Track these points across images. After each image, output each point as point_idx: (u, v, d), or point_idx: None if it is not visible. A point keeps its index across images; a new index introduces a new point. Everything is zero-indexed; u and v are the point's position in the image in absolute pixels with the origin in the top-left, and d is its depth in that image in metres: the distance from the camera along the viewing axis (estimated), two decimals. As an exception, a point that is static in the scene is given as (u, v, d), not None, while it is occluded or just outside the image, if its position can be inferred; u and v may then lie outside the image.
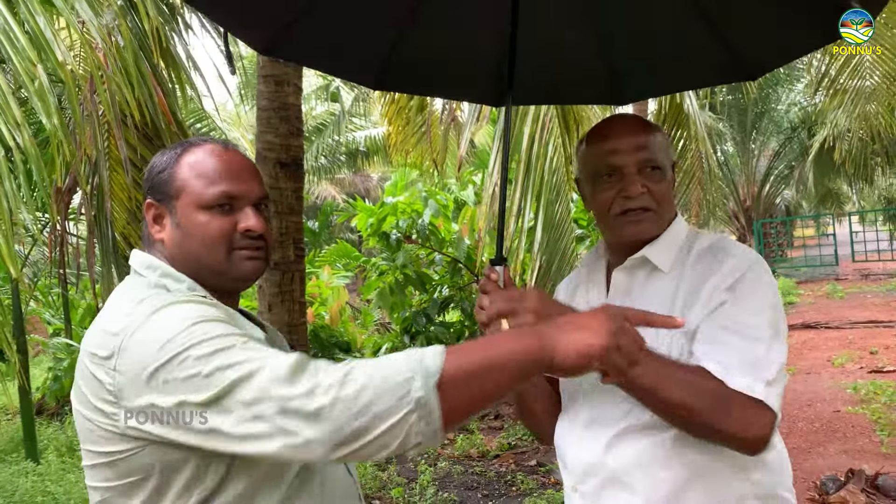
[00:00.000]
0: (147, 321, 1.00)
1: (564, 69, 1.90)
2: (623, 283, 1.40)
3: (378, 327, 9.86)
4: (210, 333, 0.97)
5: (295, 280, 3.64)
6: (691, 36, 1.72)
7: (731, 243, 1.38)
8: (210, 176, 1.16)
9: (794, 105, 18.26)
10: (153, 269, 1.15)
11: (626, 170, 1.34)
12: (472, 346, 0.98)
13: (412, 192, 7.49)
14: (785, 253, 20.50)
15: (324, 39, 1.79)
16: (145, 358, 0.97)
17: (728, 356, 1.21)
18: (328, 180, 20.10)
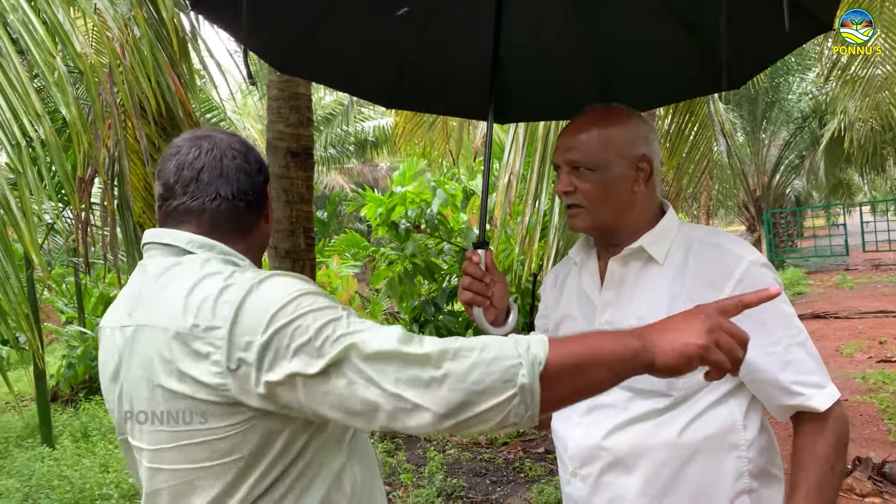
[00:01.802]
0: (252, 291, 1.00)
1: (553, 86, 1.94)
2: (617, 273, 1.43)
3: (387, 316, 9.92)
4: (317, 304, 0.99)
5: (305, 269, 3.69)
6: (677, 49, 1.76)
7: (730, 240, 1.41)
8: None
9: (804, 94, 18.13)
10: (209, 248, 1.12)
11: (560, 169, 1.43)
12: (576, 341, 1.01)
13: (421, 181, 7.51)
14: (795, 243, 20.40)
15: (336, 58, 1.86)
16: (259, 327, 0.97)
17: (789, 369, 1.29)
18: (337, 170, 20.15)
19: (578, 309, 1.50)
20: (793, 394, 1.29)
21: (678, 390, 1.31)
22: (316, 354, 0.95)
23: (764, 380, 1.30)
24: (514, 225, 5.99)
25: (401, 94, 1.98)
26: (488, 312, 1.49)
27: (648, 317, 1.33)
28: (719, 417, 1.31)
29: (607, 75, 1.87)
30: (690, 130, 5.72)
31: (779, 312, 1.32)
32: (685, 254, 1.38)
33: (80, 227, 3.67)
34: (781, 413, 1.34)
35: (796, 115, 18.28)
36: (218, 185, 1.17)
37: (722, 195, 17.76)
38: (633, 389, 1.34)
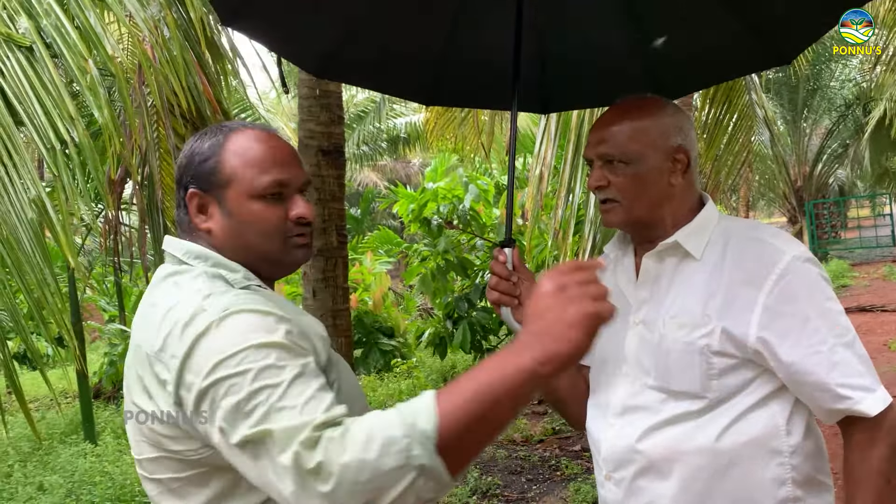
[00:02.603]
0: (211, 329, 0.98)
1: (595, 72, 1.89)
2: (652, 270, 1.38)
3: (421, 312, 9.93)
4: (264, 361, 0.95)
5: (338, 266, 3.68)
6: (720, 24, 1.68)
7: (771, 233, 1.34)
8: (260, 164, 1.14)
9: (848, 81, 17.60)
10: (203, 259, 1.12)
11: (593, 163, 1.38)
12: (466, 388, 0.91)
13: (453, 177, 7.49)
14: (838, 234, 19.88)
15: (372, 60, 1.85)
16: (202, 370, 0.96)
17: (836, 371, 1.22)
18: (370, 167, 20.24)
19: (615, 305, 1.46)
20: (840, 397, 1.22)
21: (713, 392, 1.25)
22: (238, 422, 0.93)
23: (808, 382, 1.23)
24: (546, 219, 5.93)
25: (438, 90, 1.96)
26: (517, 312, 1.45)
27: (683, 315, 1.29)
28: (760, 421, 1.25)
29: (649, 56, 1.80)
30: (729, 121, 5.58)
31: (824, 310, 1.25)
32: (723, 248, 1.32)
33: (110, 227, 3.73)
34: (828, 417, 1.27)
35: (839, 103, 17.76)
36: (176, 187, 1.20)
37: (762, 186, 17.38)
38: (666, 390, 1.29)
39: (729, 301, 1.26)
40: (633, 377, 1.34)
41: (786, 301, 1.24)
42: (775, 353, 1.23)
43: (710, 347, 1.25)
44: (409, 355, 8.00)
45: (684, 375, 1.27)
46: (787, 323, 1.23)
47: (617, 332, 1.39)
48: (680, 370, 1.27)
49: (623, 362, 1.37)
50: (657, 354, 1.31)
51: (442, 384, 7.02)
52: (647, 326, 1.35)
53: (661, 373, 1.29)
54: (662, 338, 1.30)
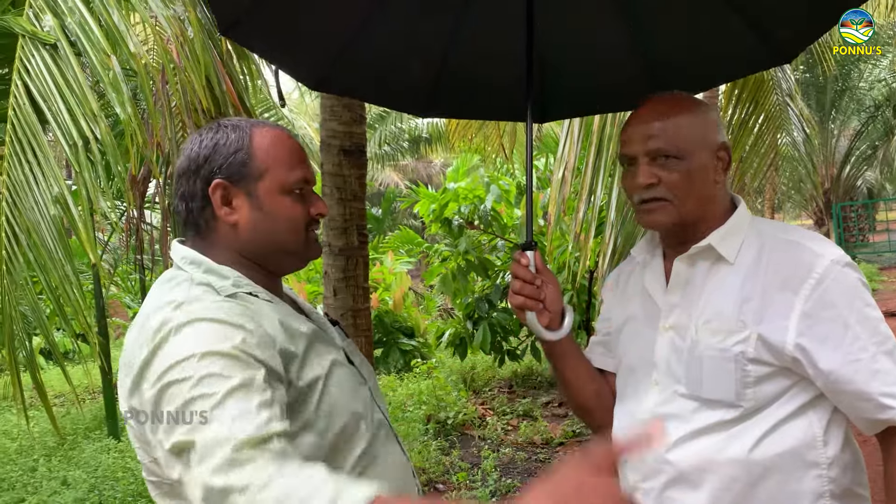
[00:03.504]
0: (170, 337, 1.00)
1: (597, 78, 1.86)
2: (684, 273, 1.33)
3: (441, 313, 9.92)
4: (207, 370, 0.95)
5: (359, 265, 3.68)
6: (720, 25, 1.65)
7: (808, 236, 1.30)
8: (290, 160, 1.18)
9: (878, 82, 17.28)
10: (197, 265, 1.13)
11: (639, 159, 1.31)
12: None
13: (474, 177, 7.46)
14: (866, 237, 19.52)
15: (369, 73, 1.84)
16: (153, 376, 0.99)
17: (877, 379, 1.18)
18: (391, 167, 20.30)
19: (642, 311, 1.41)
20: (883, 407, 1.17)
21: (748, 400, 1.21)
22: (173, 428, 0.93)
23: (848, 391, 1.18)
24: (568, 221, 5.88)
25: (437, 102, 1.94)
26: (542, 316, 1.41)
27: (716, 321, 1.25)
28: (796, 432, 1.21)
29: (650, 60, 1.77)
30: (755, 122, 5.48)
31: (863, 316, 1.20)
32: (758, 252, 1.28)
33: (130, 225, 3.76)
34: (869, 427, 1.21)
35: (868, 104, 17.45)
36: (177, 186, 1.19)
37: (789, 189, 17.13)
38: (699, 399, 1.25)
39: (765, 306, 1.22)
40: (664, 385, 1.31)
41: (824, 307, 1.19)
42: (814, 360, 1.18)
43: (746, 354, 1.21)
44: (429, 356, 7.99)
45: (718, 383, 1.22)
46: (826, 329, 1.19)
47: (646, 338, 1.36)
48: (713, 378, 1.23)
49: (653, 369, 1.33)
50: (689, 361, 1.27)
51: (462, 385, 7.00)
52: (678, 332, 1.30)
53: (694, 380, 1.25)
54: (695, 344, 1.26)
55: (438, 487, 4.53)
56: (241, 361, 0.98)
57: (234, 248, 1.17)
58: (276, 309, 1.14)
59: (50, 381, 8.19)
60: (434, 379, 6.46)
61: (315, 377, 1.11)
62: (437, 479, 4.67)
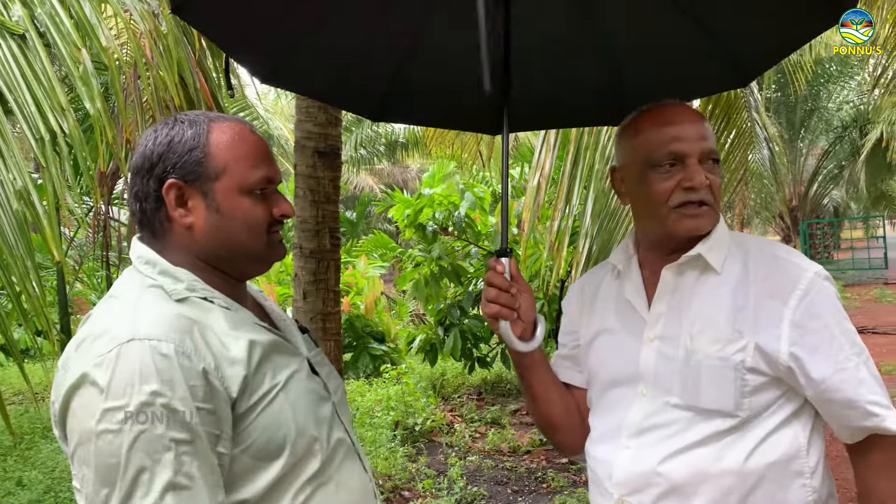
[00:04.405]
0: (84, 382, 0.97)
1: (563, 93, 1.86)
2: (671, 282, 1.32)
3: (413, 318, 9.89)
4: (117, 448, 0.93)
5: (330, 269, 3.64)
6: (686, 46, 1.68)
7: (787, 251, 1.32)
8: (251, 158, 1.11)
9: (845, 103, 17.70)
10: (152, 266, 1.08)
11: (689, 159, 1.27)
12: None
13: (449, 184, 7.46)
14: (831, 255, 19.94)
15: (323, 71, 1.77)
16: (72, 434, 0.98)
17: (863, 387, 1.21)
18: (367, 171, 20.24)
19: (620, 322, 1.39)
20: (868, 414, 1.20)
21: (744, 410, 1.21)
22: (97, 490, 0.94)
23: (838, 399, 1.21)
24: (542, 229, 5.90)
25: (391, 108, 1.89)
26: (515, 326, 1.37)
27: (708, 329, 1.25)
28: (785, 441, 1.22)
29: (615, 77, 1.78)
30: (726, 138, 5.57)
31: (844, 328, 1.24)
32: (743, 263, 1.29)
33: (97, 221, 3.68)
34: (852, 435, 1.24)
35: (836, 124, 17.88)
36: (131, 184, 1.13)
37: (758, 205, 17.42)
38: (695, 409, 1.23)
39: (758, 316, 1.23)
40: (652, 396, 1.28)
41: (812, 317, 1.22)
42: (806, 369, 1.20)
43: (745, 363, 1.21)
44: (399, 361, 7.95)
45: (717, 392, 1.22)
46: (815, 339, 1.21)
47: (627, 349, 1.34)
48: (712, 387, 1.22)
49: (638, 380, 1.31)
50: (684, 371, 1.25)
51: (431, 392, 6.98)
52: (667, 342, 1.29)
53: (690, 390, 1.24)
54: (691, 353, 1.25)
55: (404, 494, 4.50)
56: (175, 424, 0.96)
57: (190, 251, 1.11)
58: (230, 318, 1.09)
59: (9, 378, 7.99)
60: (403, 385, 6.43)
61: (264, 392, 1.06)
62: (402, 486, 4.64)
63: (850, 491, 3.90)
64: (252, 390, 1.04)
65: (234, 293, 1.15)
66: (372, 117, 1.96)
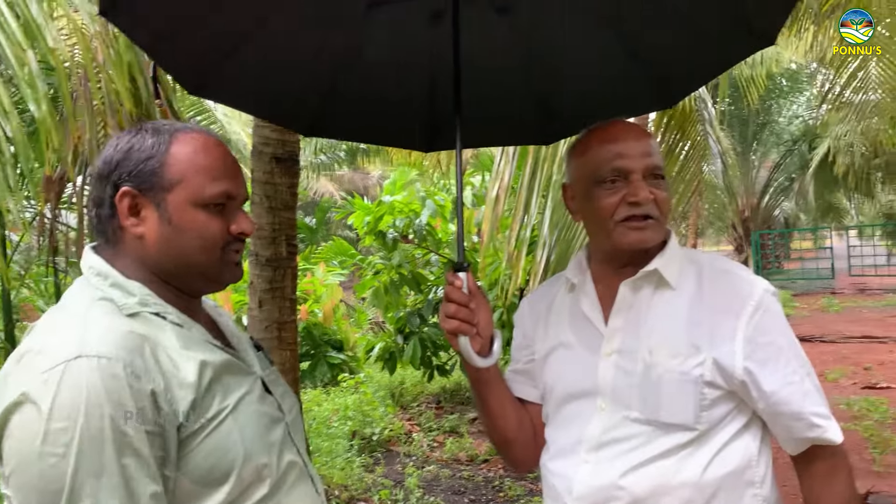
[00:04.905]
0: (22, 405, 0.92)
1: (498, 111, 1.88)
2: (628, 297, 1.34)
3: (372, 326, 9.82)
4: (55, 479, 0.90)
5: (287, 277, 3.59)
6: (615, 68, 1.72)
7: (738, 266, 1.36)
8: (210, 171, 1.08)
9: (795, 118, 18.26)
10: (103, 278, 1.05)
11: (633, 175, 1.29)
12: None
13: (410, 191, 7.44)
14: (782, 265, 20.50)
15: (254, 84, 1.74)
16: (8, 459, 0.93)
17: (808, 400, 1.26)
18: (327, 177, 20.09)
19: (576, 336, 1.39)
20: (813, 426, 1.25)
21: (703, 423, 1.24)
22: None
23: (785, 412, 1.25)
24: (502, 238, 5.93)
25: (323, 122, 1.88)
26: (474, 341, 1.36)
27: (665, 344, 1.26)
28: (738, 453, 1.26)
29: (546, 98, 1.82)
30: (681, 150, 5.69)
31: (790, 342, 1.29)
32: (697, 278, 1.32)
33: (44, 226, 3.57)
34: (796, 446, 1.29)
35: (786, 138, 18.42)
36: (91, 189, 1.11)
37: (711, 215, 17.83)
38: (655, 423, 1.25)
39: (713, 331, 1.26)
40: (611, 410, 1.29)
41: (762, 332, 1.26)
42: (758, 383, 1.24)
43: (703, 377, 1.24)
44: (358, 370, 7.89)
45: (677, 406, 1.24)
46: (765, 353, 1.25)
47: (585, 364, 1.34)
48: (673, 401, 1.24)
49: (596, 394, 1.32)
50: (643, 385, 1.26)
51: (389, 400, 6.94)
52: (625, 356, 1.30)
53: (650, 404, 1.26)
54: (650, 367, 1.26)
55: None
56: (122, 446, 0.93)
57: (143, 262, 1.08)
58: (182, 336, 1.05)
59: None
60: (361, 394, 6.37)
61: (212, 416, 1.03)
62: (359, 496, 4.59)
63: (798, 497, 3.97)
64: (200, 413, 1.01)
65: (188, 308, 1.12)
66: (302, 132, 1.95)
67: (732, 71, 11.27)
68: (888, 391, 6.76)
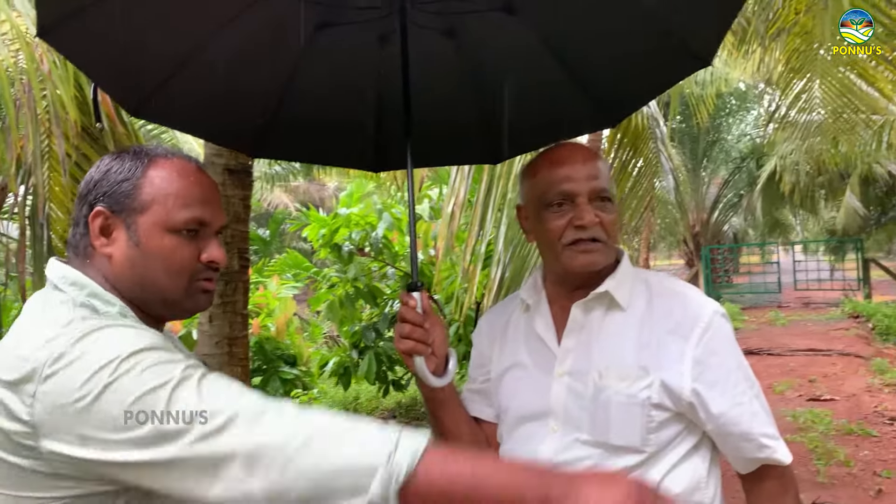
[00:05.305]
0: (74, 346, 0.90)
1: (446, 131, 1.91)
2: (580, 318, 1.35)
3: (327, 340, 9.71)
4: (152, 361, 0.90)
5: (238, 291, 3.51)
6: (558, 90, 1.77)
7: (688, 287, 1.38)
8: (183, 197, 1.09)
9: (744, 136, 18.82)
10: (79, 288, 1.04)
11: (579, 199, 1.30)
12: (462, 460, 0.85)
13: (367, 204, 7.40)
14: (731, 279, 21.01)
15: (196, 106, 1.74)
16: (72, 390, 0.87)
17: (756, 421, 1.27)
18: (282, 188, 19.86)
19: (530, 356, 1.40)
20: (762, 446, 1.26)
21: (650, 446, 1.25)
22: (138, 436, 0.88)
23: (734, 433, 1.26)
24: (459, 252, 5.94)
25: (268, 143, 1.88)
26: (429, 361, 1.36)
27: (614, 367, 1.27)
28: (687, 474, 1.26)
29: (493, 118, 1.84)
30: (634, 167, 5.79)
31: (740, 363, 1.30)
32: (647, 300, 1.33)
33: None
34: (746, 466, 1.30)
35: (735, 156, 18.96)
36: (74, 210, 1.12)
37: (663, 230, 18.21)
38: (605, 445, 1.26)
39: (662, 353, 1.27)
40: (563, 432, 1.30)
41: (711, 353, 1.26)
42: (706, 404, 1.24)
43: (651, 400, 1.24)
44: (312, 385, 7.77)
45: (626, 429, 1.24)
46: (714, 375, 1.26)
47: (538, 385, 1.35)
48: (621, 424, 1.25)
49: (549, 416, 1.32)
50: (593, 408, 1.27)
51: (343, 415, 6.83)
52: (576, 378, 1.31)
53: (599, 426, 1.26)
54: (600, 390, 1.27)
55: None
56: (172, 352, 0.95)
57: (110, 282, 1.08)
58: (168, 338, 1.09)
59: None
60: (315, 409, 6.26)
61: None
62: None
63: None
64: None
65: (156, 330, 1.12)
66: (247, 153, 1.94)
67: (683, 90, 11.57)
68: (832, 403, 6.96)
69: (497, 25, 1.65)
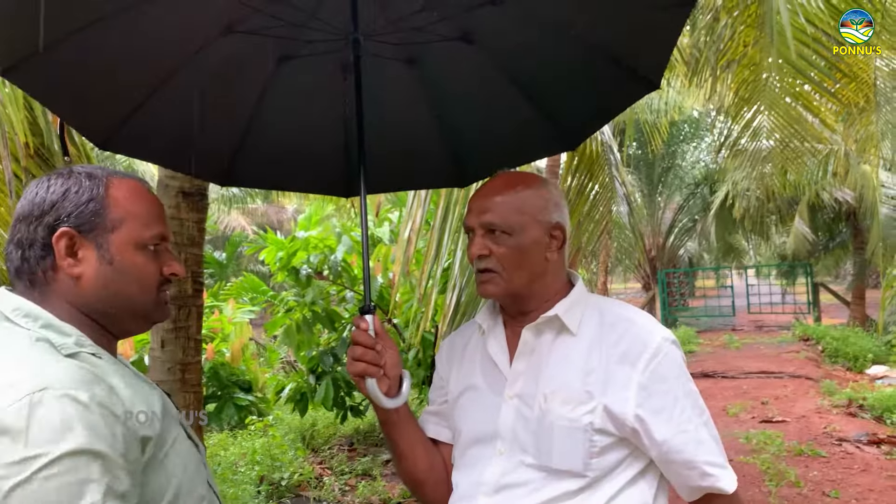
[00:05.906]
0: (21, 412, 0.87)
1: (410, 157, 1.96)
2: (531, 343, 1.36)
3: (283, 366, 9.55)
4: (75, 476, 0.86)
5: (191, 316, 3.44)
6: (516, 115, 1.83)
7: (639, 314, 1.39)
8: (148, 215, 1.13)
9: (697, 162, 19.30)
10: (33, 320, 1.02)
11: (474, 231, 1.37)
12: None
13: (326, 226, 7.34)
14: (687, 302, 21.39)
15: (161, 137, 1.76)
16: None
17: (701, 449, 1.28)
18: (239, 210, 19.61)
19: (484, 379, 1.41)
20: (706, 475, 1.26)
21: (593, 470, 1.25)
22: None
23: (678, 460, 1.26)
24: (418, 274, 5.93)
25: (238, 172, 1.91)
26: (381, 383, 1.37)
27: (560, 390, 1.28)
28: (633, 499, 1.27)
29: (455, 143, 1.90)
30: (590, 191, 5.88)
31: (688, 390, 1.30)
32: (598, 325, 1.34)
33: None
34: (691, 494, 1.30)
35: (689, 181, 19.42)
36: (13, 231, 1.09)
37: (620, 254, 18.49)
38: (548, 469, 1.26)
39: (608, 378, 1.28)
40: (509, 454, 1.31)
41: (658, 380, 1.27)
42: (650, 431, 1.25)
43: (593, 425, 1.25)
44: (267, 412, 7.61)
45: (567, 453, 1.25)
46: (659, 402, 1.27)
47: (489, 406, 1.36)
48: (563, 448, 1.25)
49: (497, 438, 1.33)
50: (538, 431, 1.28)
51: (300, 443, 6.71)
52: (524, 400, 1.32)
53: (543, 450, 1.27)
54: (544, 413, 1.28)
55: (267, 555, 4.25)
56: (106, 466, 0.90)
57: (73, 303, 1.07)
58: (120, 373, 1.05)
59: None
60: (270, 437, 6.14)
61: (169, 445, 1.05)
62: (266, 545, 4.39)
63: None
64: (158, 444, 1.02)
65: (110, 350, 1.12)
66: (215, 182, 1.95)
67: (639, 117, 11.83)
68: (783, 424, 7.10)
69: (456, 54, 1.70)
